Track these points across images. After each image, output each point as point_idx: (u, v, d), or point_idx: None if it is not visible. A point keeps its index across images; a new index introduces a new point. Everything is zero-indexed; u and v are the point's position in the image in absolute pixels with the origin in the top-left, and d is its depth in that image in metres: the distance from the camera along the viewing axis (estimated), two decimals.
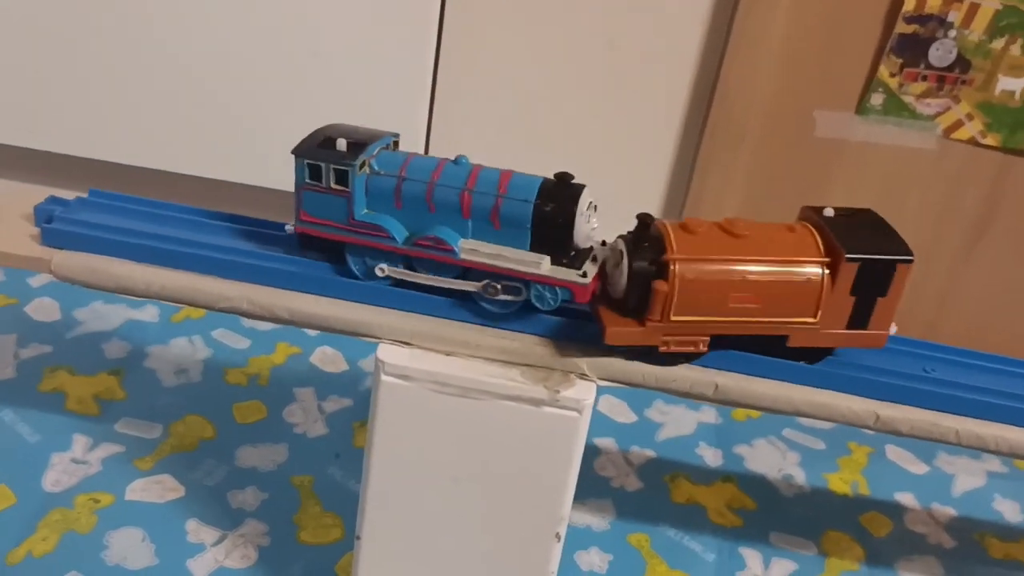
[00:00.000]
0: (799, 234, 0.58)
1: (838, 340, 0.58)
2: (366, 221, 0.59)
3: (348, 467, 0.87)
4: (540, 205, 0.57)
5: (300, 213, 0.60)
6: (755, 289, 0.56)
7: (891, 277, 0.56)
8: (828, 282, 0.56)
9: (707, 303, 0.56)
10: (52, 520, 0.77)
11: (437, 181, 0.58)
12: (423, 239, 0.59)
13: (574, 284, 0.57)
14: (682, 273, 0.55)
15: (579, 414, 0.58)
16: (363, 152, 0.59)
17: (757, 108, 1.04)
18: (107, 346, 0.98)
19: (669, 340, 0.57)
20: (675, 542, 0.85)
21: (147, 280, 0.60)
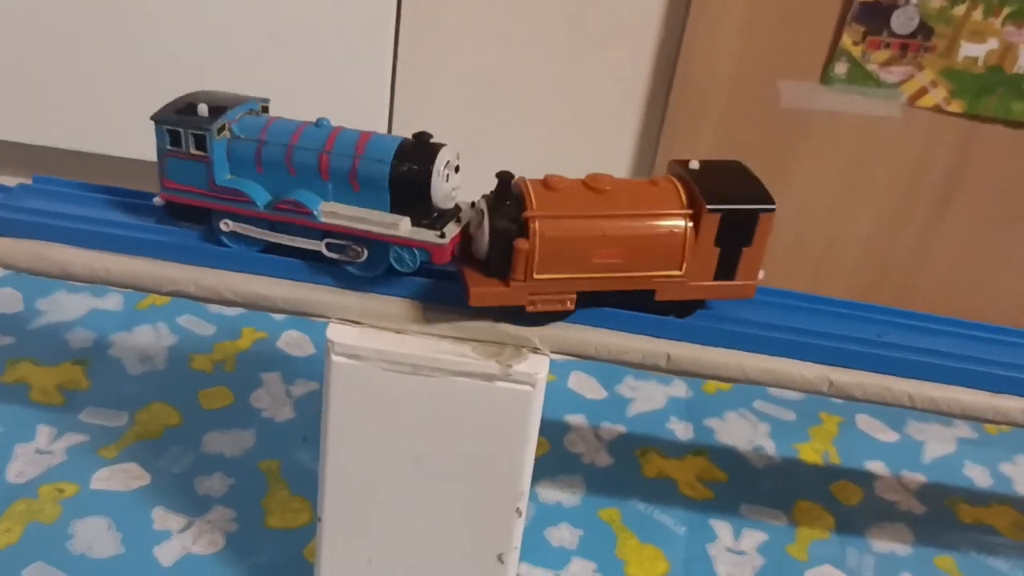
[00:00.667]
0: (662, 187, 0.58)
1: (706, 292, 0.58)
2: (227, 186, 0.59)
3: (316, 451, 0.85)
4: (396, 165, 0.56)
5: (164, 181, 0.60)
6: (618, 244, 0.56)
7: (754, 226, 0.56)
8: (691, 234, 0.56)
9: (570, 260, 0.55)
10: (16, 511, 0.77)
11: (296, 144, 0.58)
12: (283, 203, 0.58)
13: (431, 245, 0.57)
14: (542, 230, 0.55)
15: (532, 388, 0.58)
16: (223, 116, 0.58)
17: (720, 80, 1.03)
18: (71, 336, 0.97)
19: (535, 299, 0.56)
20: (646, 516, 0.85)
21: (90, 265, 0.59)
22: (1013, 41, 1.00)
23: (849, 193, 1.10)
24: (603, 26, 1.03)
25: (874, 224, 1.12)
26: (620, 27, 1.03)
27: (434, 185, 0.56)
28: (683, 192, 0.57)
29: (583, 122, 1.08)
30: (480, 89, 1.07)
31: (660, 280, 0.57)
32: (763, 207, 0.56)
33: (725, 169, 0.59)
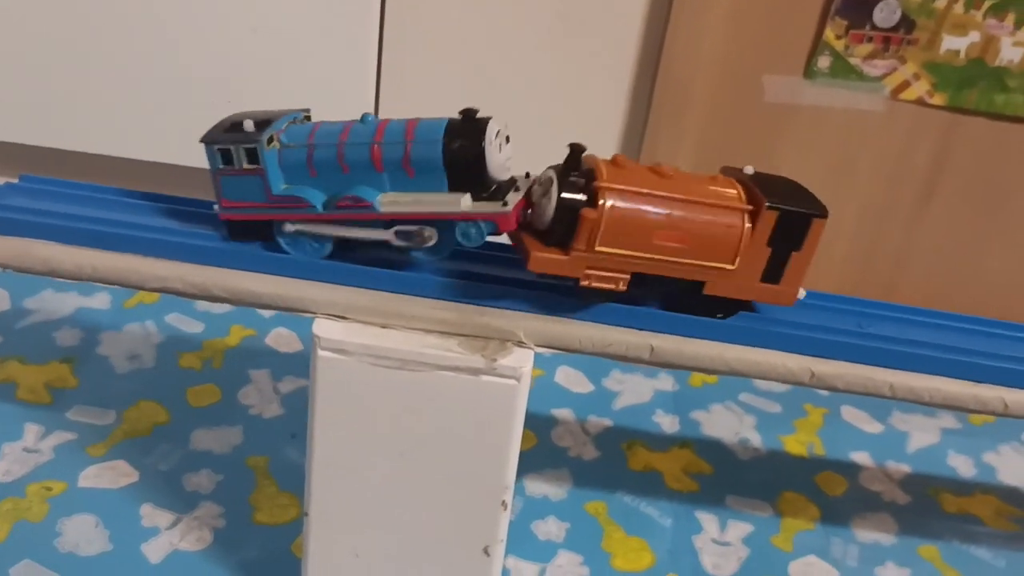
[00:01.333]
0: (721, 183, 0.59)
1: (752, 292, 0.59)
2: (284, 195, 0.59)
3: (304, 447, 0.87)
4: (448, 144, 0.57)
5: (222, 201, 0.60)
6: (680, 227, 0.56)
7: (806, 231, 0.57)
8: (748, 229, 0.57)
9: (633, 237, 0.56)
10: (3, 510, 0.77)
11: (346, 141, 0.58)
12: (341, 201, 0.58)
13: (496, 214, 0.57)
14: (612, 203, 0.55)
15: (517, 382, 0.58)
16: (269, 128, 0.59)
17: (704, 74, 1.04)
18: (58, 334, 0.97)
19: (591, 273, 0.57)
20: (632, 509, 0.85)
21: (77, 262, 0.59)
22: (994, 34, 1.01)
23: (834, 186, 1.11)
24: (588, 18, 1.03)
25: (859, 216, 1.13)
26: (605, 19, 1.03)
27: (488, 157, 0.56)
28: (742, 190, 0.58)
29: (568, 115, 1.08)
30: (465, 82, 1.08)
31: (712, 271, 0.58)
32: (817, 213, 0.57)
33: (779, 178, 0.61)
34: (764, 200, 0.56)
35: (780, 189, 0.58)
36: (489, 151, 0.56)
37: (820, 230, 0.57)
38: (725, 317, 0.60)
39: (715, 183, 0.59)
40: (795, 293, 0.59)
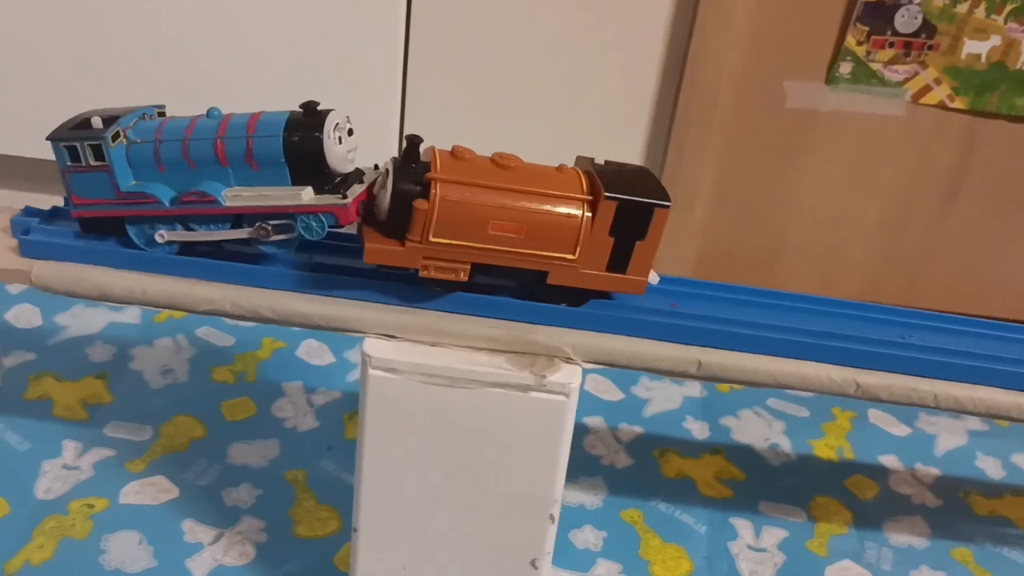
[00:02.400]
0: (566, 174, 0.59)
1: (597, 282, 0.59)
2: (132, 191, 0.60)
3: (341, 459, 0.88)
4: (288, 137, 0.57)
5: (72, 198, 0.61)
6: (516, 218, 0.57)
7: (649, 221, 0.57)
8: (588, 220, 0.57)
9: (467, 228, 0.56)
10: (47, 528, 0.78)
11: (191, 136, 0.59)
12: (187, 196, 0.59)
13: (334, 207, 0.57)
14: (443, 194, 0.56)
15: (566, 397, 0.59)
16: (115, 124, 0.59)
17: (728, 81, 1.04)
18: (91, 350, 0.98)
19: (429, 264, 0.57)
20: (667, 516, 0.86)
21: (128, 287, 0.60)
22: (1015, 37, 1.02)
23: (855, 191, 1.12)
24: (612, 27, 1.04)
25: (880, 221, 1.13)
26: (629, 28, 1.04)
27: (327, 149, 0.57)
28: (585, 180, 0.59)
29: (592, 122, 1.09)
30: (490, 90, 1.08)
31: (553, 262, 0.58)
32: (659, 202, 0.57)
33: (630, 169, 0.61)
34: (603, 190, 0.57)
35: (624, 179, 0.58)
36: (328, 144, 0.57)
37: (664, 219, 0.58)
38: (574, 306, 0.60)
39: (560, 173, 0.59)
40: (644, 282, 0.60)
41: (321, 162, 0.57)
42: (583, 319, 0.60)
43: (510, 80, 1.07)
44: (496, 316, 0.60)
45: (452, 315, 0.60)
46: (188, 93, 1.06)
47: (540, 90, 1.07)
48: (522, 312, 0.60)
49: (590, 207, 0.57)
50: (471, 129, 1.08)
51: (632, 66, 1.06)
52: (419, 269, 0.58)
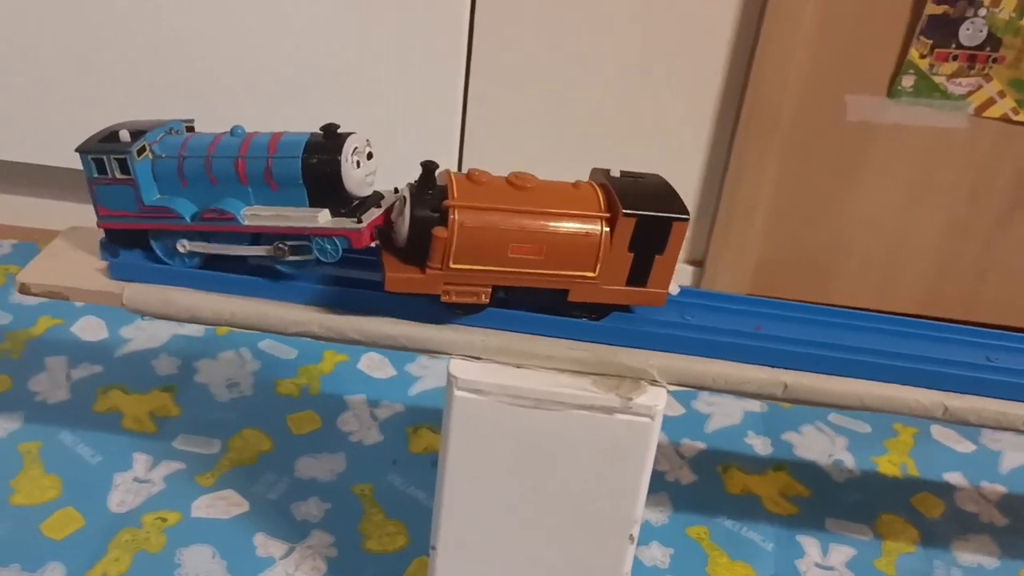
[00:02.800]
0: (583, 191, 0.59)
1: (618, 296, 0.59)
2: (155, 205, 0.60)
3: (407, 473, 0.88)
4: (307, 159, 0.57)
5: (98, 209, 0.62)
6: (535, 240, 0.57)
7: (668, 235, 0.57)
8: (607, 237, 0.57)
9: (487, 252, 0.56)
10: (122, 541, 0.79)
11: (213, 154, 0.59)
12: (207, 212, 0.60)
13: (348, 231, 0.57)
14: (461, 220, 0.56)
15: (651, 420, 0.59)
16: (142, 138, 0.60)
17: (790, 95, 1.04)
18: (156, 363, 0.99)
19: (450, 289, 0.57)
20: (733, 533, 0.86)
21: (216, 309, 0.61)
22: None
23: (915, 203, 1.11)
24: (675, 42, 1.04)
25: (940, 233, 1.12)
26: (692, 42, 1.04)
27: (345, 173, 0.57)
28: (602, 196, 0.58)
29: (652, 134, 1.09)
30: (550, 104, 1.08)
31: (574, 280, 0.58)
32: (677, 216, 0.57)
33: (646, 180, 0.61)
34: (621, 207, 0.56)
35: (641, 192, 0.58)
36: (345, 167, 0.57)
37: (682, 232, 0.57)
38: (596, 320, 0.60)
39: (576, 191, 0.59)
40: (664, 294, 0.59)
41: (338, 185, 0.57)
42: (668, 341, 0.60)
43: (570, 94, 1.07)
44: (581, 339, 0.60)
45: (537, 337, 0.61)
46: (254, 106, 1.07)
47: (600, 103, 1.07)
48: (607, 335, 0.60)
49: (608, 224, 0.57)
50: (530, 142, 1.08)
51: (694, 80, 1.05)
52: (441, 295, 0.58)
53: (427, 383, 1.01)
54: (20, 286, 0.61)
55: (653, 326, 0.61)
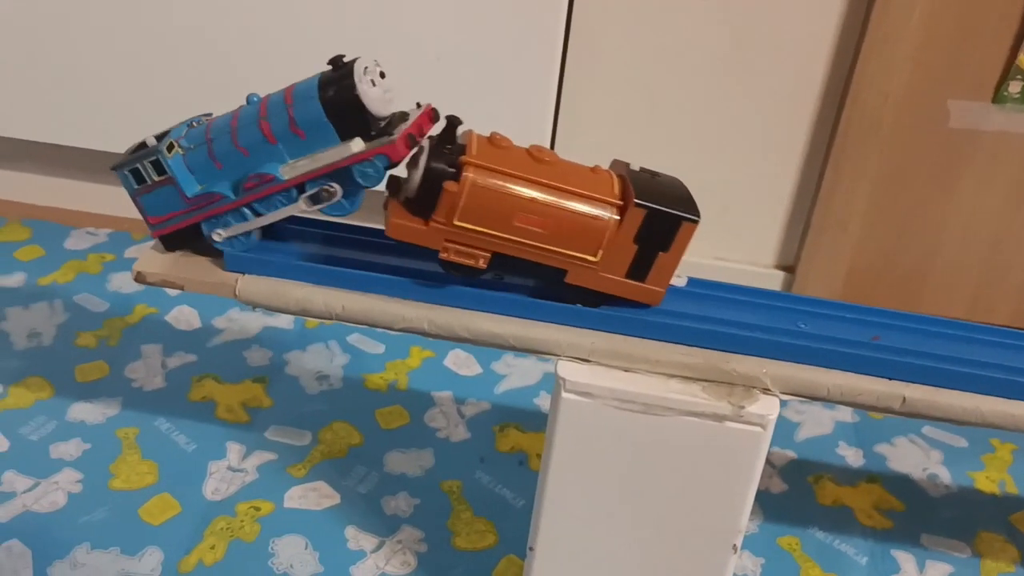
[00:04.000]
0: (600, 176, 0.58)
1: (615, 287, 0.59)
2: (199, 195, 0.61)
3: (494, 472, 0.88)
4: (324, 95, 0.57)
5: (148, 220, 0.63)
6: (543, 213, 0.56)
7: (675, 233, 0.57)
8: (614, 224, 0.57)
9: (493, 216, 0.56)
10: (218, 528, 0.80)
11: (236, 127, 0.59)
12: (248, 182, 0.59)
13: (383, 147, 0.57)
14: (474, 178, 0.55)
15: (763, 429, 0.58)
16: (167, 136, 0.60)
17: (891, 101, 1.02)
18: (248, 354, 1.00)
19: (450, 247, 0.57)
20: (826, 545, 0.84)
21: (328, 303, 0.61)
22: None
23: (1015, 213, 1.07)
24: (774, 47, 1.02)
25: None
26: (792, 46, 1.02)
27: (363, 93, 0.56)
28: (618, 184, 0.58)
29: (747, 138, 1.07)
30: (645, 103, 1.07)
31: (574, 262, 0.58)
32: (687, 216, 0.56)
33: (663, 179, 0.60)
34: (634, 196, 0.56)
35: (657, 189, 0.57)
36: (362, 88, 0.56)
37: (690, 233, 0.57)
38: (589, 307, 0.60)
39: (594, 175, 0.58)
40: (661, 293, 0.59)
41: (361, 108, 0.57)
42: (782, 349, 0.59)
43: (666, 93, 1.06)
44: (691, 344, 0.60)
45: (645, 341, 0.60)
46: None
47: (695, 107, 1.06)
48: (718, 340, 0.59)
49: (619, 211, 0.57)
50: (622, 143, 1.08)
51: (793, 85, 1.04)
52: (439, 251, 0.58)
53: (513, 382, 1.00)
54: (136, 274, 0.62)
55: (766, 333, 0.60)
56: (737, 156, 1.07)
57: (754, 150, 1.07)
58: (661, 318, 0.60)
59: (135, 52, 1.07)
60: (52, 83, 1.11)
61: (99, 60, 1.09)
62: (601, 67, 1.06)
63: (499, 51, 1.03)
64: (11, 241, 1.17)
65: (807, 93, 1.04)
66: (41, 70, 1.10)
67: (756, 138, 1.07)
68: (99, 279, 1.11)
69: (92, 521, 0.80)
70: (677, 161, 1.08)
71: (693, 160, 1.07)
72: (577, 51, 1.05)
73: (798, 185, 1.08)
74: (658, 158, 1.08)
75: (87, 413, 0.90)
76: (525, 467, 0.89)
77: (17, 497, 0.81)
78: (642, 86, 1.06)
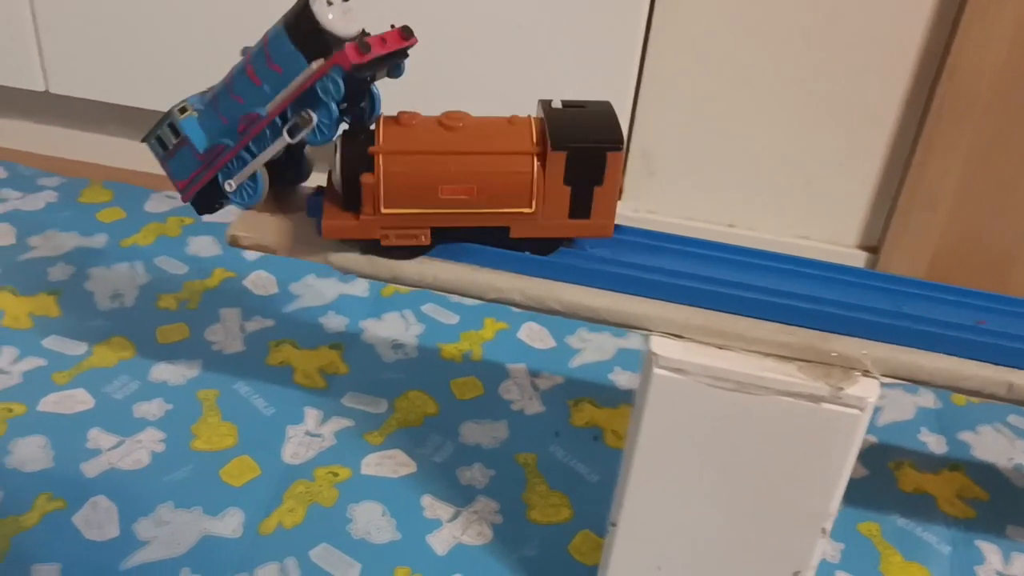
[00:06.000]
0: (517, 127, 0.58)
1: (561, 229, 0.59)
2: (207, 150, 0.63)
3: (568, 446, 0.88)
4: (286, 23, 0.58)
5: (177, 185, 0.65)
6: (464, 180, 0.56)
7: (603, 166, 0.56)
8: (539, 172, 0.56)
9: (418, 195, 0.56)
10: (296, 492, 0.81)
11: (231, 78, 0.61)
12: (240, 126, 0.61)
13: (334, 58, 0.57)
14: (386, 166, 0.56)
15: (861, 412, 0.56)
16: (181, 102, 0.63)
17: (989, 75, 0.98)
18: (325, 320, 1.01)
19: (388, 232, 0.58)
20: (907, 532, 0.83)
21: (420, 271, 0.61)
22: None
23: None
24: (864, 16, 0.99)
25: None
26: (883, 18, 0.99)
27: (318, 12, 0.56)
28: (536, 131, 0.57)
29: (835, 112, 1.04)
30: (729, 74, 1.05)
31: (512, 217, 0.58)
32: (609, 145, 0.56)
33: (587, 109, 0.59)
34: (550, 141, 0.55)
35: (576, 125, 0.56)
36: (316, 7, 0.56)
37: (618, 162, 0.56)
38: (542, 255, 0.60)
39: (510, 127, 0.58)
40: (610, 224, 0.58)
41: (318, 27, 0.57)
42: (884, 331, 0.57)
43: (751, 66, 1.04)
44: (788, 322, 0.58)
45: (740, 318, 0.59)
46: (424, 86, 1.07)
47: (781, 79, 1.04)
48: (816, 319, 0.58)
49: (540, 159, 0.57)
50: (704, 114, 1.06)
51: (884, 60, 1.00)
52: (380, 239, 0.58)
53: (587, 356, 1.00)
54: (230, 238, 0.63)
55: (867, 313, 0.58)
56: (823, 131, 1.04)
57: (840, 125, 1.04)
58: (757, 295, 0.59)
59: (218, 16, 1.08)
60: (135, 47, 1.12)
61: (182, 24, 1.09)
62: (685, 36, 1.03)
63: (581, 21, 1.01)
64: (93, 203, 1.19)
65: (900, 68, 1.00)
66: (124, 34, 1.11)
67: (843, 113, 1.04)
68: (178, 242, 1.12)
69: (175, 480, 0.81)
70: (760, 134, 1.06)
71: (776, 134, 1.05)
72: (661, 19, 1.03)
73: (886, 162, 1.05)
74: (740, 130, 1.06)
75: (169, 374, 0.92)
76: (600, 442, 0.89)
77: (103, 454, 0.83)
78: (727, 57, 1.03)
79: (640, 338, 1.01)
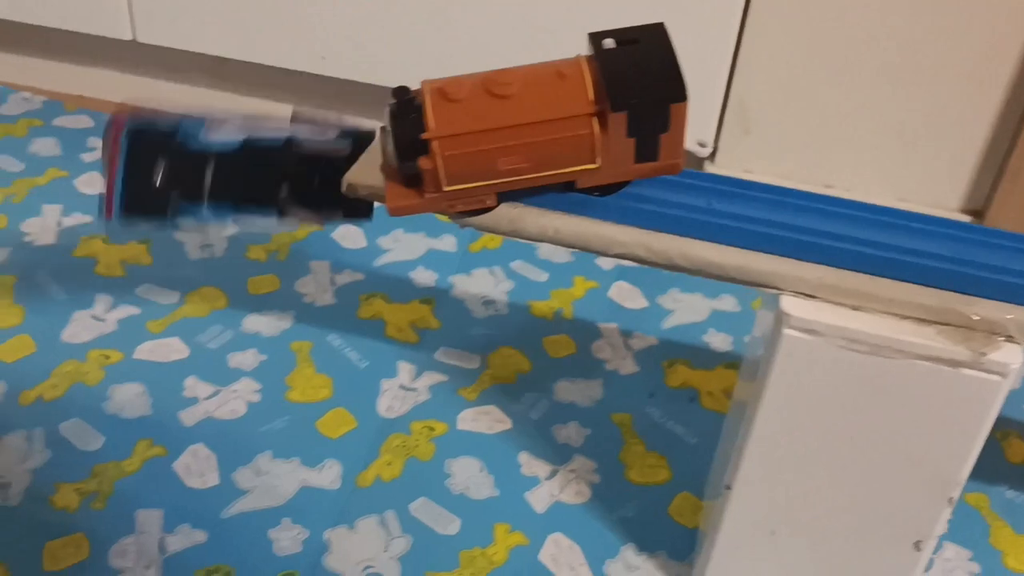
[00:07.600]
0: (569, 80, 0.55)
1: (630, 174, 0.57)
2: None
3: (664, 407, 0.86)
4: None
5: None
6: (523, 152, 0.55)
7: (667, 118, 0.54)
8: (599, 132, 0.54)
9: (478, 171, 0.56)
10: (393, 445, 0.81)
11: None
12: None
13: None
14: (442, 151, 0.54)
15: (1003, 378, 0.54)
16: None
17: None
18: (413, 274, 1.00)
19: (455, 203, 0.57)
20: (1016, 504, 0.80)
21: (540, 223, 0.59)
22: None
23: None
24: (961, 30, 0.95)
25: None
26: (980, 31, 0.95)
27: None
28: (591, 86, 0.54)
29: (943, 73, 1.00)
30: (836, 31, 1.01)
31: (577, 173, 0.57)
32: (673, 98, 0.53)
33: (642, 49, 0.55)
34: (609, 102, 0.53)
35: (633, 72, 0.53)
36: None
37: (682, 112, 0.54)
38: (608, 195, 0.59)
39: (563, 84, 0.54)
40: (680, 163, 0.57)
41: None
42: None
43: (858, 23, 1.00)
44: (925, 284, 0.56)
45: (876, 278, 0.56)
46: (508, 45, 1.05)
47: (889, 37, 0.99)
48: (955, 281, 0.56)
49: (600, 118, 0.54)
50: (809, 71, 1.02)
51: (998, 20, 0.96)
52: (447, 210, 0.58)
53: (680, 317, 0.98)
54: (347, 186, 0.62)
55: (1013, 276, 0.55)
56: (930, 91, 1.00)
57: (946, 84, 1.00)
58: (893, 254, 0.57)
59: None
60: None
61: None
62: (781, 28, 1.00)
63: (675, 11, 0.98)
64: None
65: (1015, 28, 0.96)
66: None
67: (952, 74, 1.00)
68: None
69: (272, 430, 0.81)
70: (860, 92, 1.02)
71: (882, 92, 1.01)
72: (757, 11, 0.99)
73: (995, 126, 1.01)
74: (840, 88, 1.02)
75: (262, 325, 0.92)
76: (696, 404, 0.87)
77: (200, 403, 0.83)
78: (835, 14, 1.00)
79: (735, 300, 1.00)
